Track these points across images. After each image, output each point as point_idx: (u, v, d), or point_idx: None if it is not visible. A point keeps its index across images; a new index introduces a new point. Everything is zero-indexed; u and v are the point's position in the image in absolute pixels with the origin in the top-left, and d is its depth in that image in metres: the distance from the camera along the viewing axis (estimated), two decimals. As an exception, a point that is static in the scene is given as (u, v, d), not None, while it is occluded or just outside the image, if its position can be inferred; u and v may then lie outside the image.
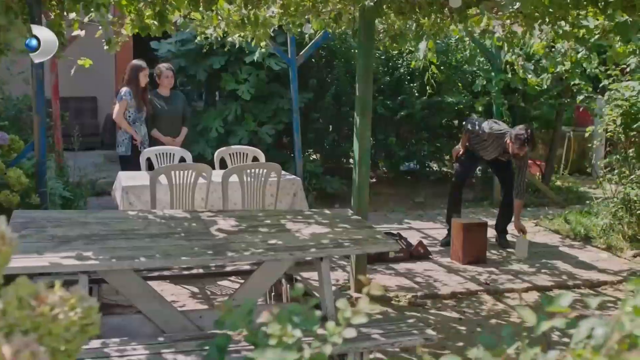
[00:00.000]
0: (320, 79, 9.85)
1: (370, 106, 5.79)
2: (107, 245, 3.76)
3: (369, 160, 5.83)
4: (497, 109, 9.26)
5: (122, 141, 7.27)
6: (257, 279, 4.23)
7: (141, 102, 7.28)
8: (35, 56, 3.86)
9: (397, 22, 6.82)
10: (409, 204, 9.72)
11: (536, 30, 6.82)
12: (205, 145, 9.11)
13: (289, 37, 8.40)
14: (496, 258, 7.04)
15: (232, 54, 9.15)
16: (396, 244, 4.16)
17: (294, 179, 6.64)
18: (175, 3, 5.47)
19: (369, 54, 5.71)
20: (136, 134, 7.22)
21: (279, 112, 9.45)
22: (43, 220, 4.11)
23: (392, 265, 6.69)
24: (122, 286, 4.00)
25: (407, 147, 10.47)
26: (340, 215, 4.71)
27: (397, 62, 10.03)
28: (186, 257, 3.68)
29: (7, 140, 5.13)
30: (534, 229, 8.31)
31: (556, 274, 6.51)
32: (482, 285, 6.13)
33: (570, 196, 10.04)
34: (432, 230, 8.20)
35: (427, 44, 7.93)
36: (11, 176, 4.72)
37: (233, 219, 4.44)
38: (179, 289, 5.89)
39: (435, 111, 10.02)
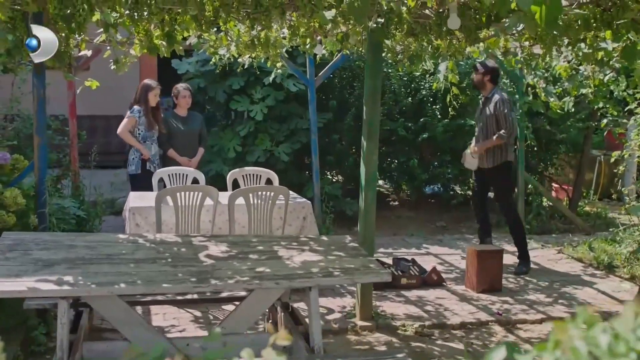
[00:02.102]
0: (341, 99, 9.74)
1: (378, 129, 5.65)
2: (89, 270, 3.68)
3: (375, 185, 5.69)
4: (521, 133, 9.02)
5: (132, 160, 7.29)
6: (247, 306, 4.12)
7: (152, 120, 7.27)
8: (35, 56, 3.82)
9: (413, 43, 6.71)
10: (430, 228, 9.52)
11: (555, 52, 6.64)
12: (222, 165, 9.06)
13: (307, 58, 8.34)
14: (512, 287, 6.80)
15: (252, 75, 9.11)
16: (389, 274, 3.99)
17: (304, 202, 6.52)
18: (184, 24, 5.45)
19: (377, 75, 5.58)
20: (144, 148, 7.22)
21: (297, 132, 9.37)
22: (31, 243, 4.05)
23: (404, 292, 6.51)
24: (106, 312, 3.92)
25: (430, 170, 10.27)
26: (337, 242, 4.57)
27: (420, 84, 9.87)
28: (168, 284, 3.58)
29: (9, 160, 5.11)
30: (556, 256, 8.05)
31: (573, 305, 6.26)
32: (493, 316, 5.91)
33: (598, 222, 9.73)
34: (450, 256, 8.00)
35: (448, 65, 7.79)
36: (7, 196, 4.68)
37: (225, 244, 4.33)
38: (181, 313, 5.80)
39: (458, 134, 9.82)
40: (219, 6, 4.84)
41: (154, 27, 5.61)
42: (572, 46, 6.23)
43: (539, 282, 6.98)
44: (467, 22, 5.14)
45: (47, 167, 8.06)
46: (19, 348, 4.54)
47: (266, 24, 5.09)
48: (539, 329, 5.68)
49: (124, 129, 7.23)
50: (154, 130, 7.31)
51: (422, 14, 5.48)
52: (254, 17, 4.97)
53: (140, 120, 7.23)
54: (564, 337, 0.97)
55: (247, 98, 9.29)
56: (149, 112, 7.29)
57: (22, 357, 4.50)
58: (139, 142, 7.24)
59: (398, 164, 10.29)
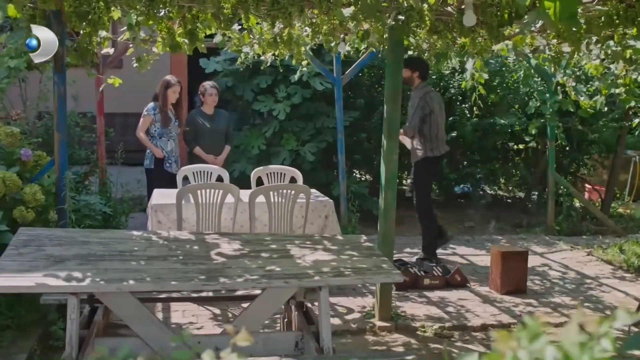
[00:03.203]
0: (369, 98, 9.67)
1: (398, 128, 5.60)
2: (100, 267, 3.69)
3: (395, 185, 5.62)
4: (551, 132, 8.88)
5: (147, 154, 7.37)
6: (259, 305, 4.10)
7: (167, 117, 7.31)
8: (35, 56, 3.84)
9: (438, 40, 6.63)
10: (458, 228, 9.40)
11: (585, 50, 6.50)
12: (246, 164, 9.07)
13: (334, 56, 8.30)
14: (538, 289, 6.68)
15: (279, 73, 9.10)
16: (400, 275, 3.93)
17: (326, 200, 6.49)
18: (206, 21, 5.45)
19: (397, 73, 5.52)
20: (156, 148, 7.27)
21: (323, 130, 9.33)
22: (45, 239, 4.08)
23: (426, 293, 6.43)
24: (117, 308, 3.93)
25: (459, 170, 10.15)
26: (351, 242, 4.52)
27: (449, 82, 9.76)
28: (176, 282, 3.58)
29: (30, 157, 5.16)
30: (585, 258, 7.89)
31: (599, 309, 6.12)
32: (516, 318, 5.80)
33: (630, 225, 9.51)
34: (476, 257, 7.89)
35: (475, 64, 7.68)
36: (27, 192, 4.73)
37: (238, 242, 4.31)
38: (201, 310, 5.80)
39: (487, 133, 9.69)
40: (237, 3, 4.83)
41: (176, 25, 5.63)
42: (601, 44, 6.11)
43: (566, 285, 6.85)
44: (488, 19, 5.05)
45: (76, 164, 8.21)
46: (36, 342, 4.58)
47: (285, 22, 5.07)
48: (562, 333, 5.56)
49: (141, 130, 7.32)
50: (170, 127, 7.35)
51: (444, 11, 5.40)
52: (273, 14, 4.94)
53: (155, 117, 7.29)
54: (505, 348, 0.92)
55: (271, 97, 9.29)
56: (167, 108, 7.33)
57: (39, 351, 4.53)
58: (153, 141, 7.30)
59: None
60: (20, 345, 4.53)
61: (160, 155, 7.27)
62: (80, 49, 5.56)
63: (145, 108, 7.37)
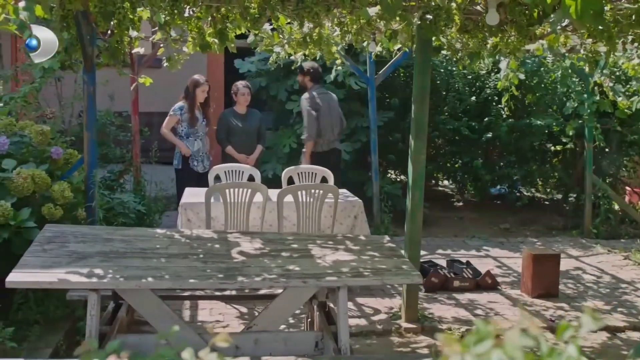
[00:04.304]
0: (403, 98, 9.61)
1: (426, 128, 5.54)
2: (120, 264, 3.73)
3: (423, 185, 5.56)
4: (589, 133, 8.72)
5: (175, 154, 7.44)
6: (279, 304, 4.11)
7: (194, 117, 7.36)
8: (35, 56, 3.89)
9: (470, 40, 6.55)
10: (493, 230, 9.29)
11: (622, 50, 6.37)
12: (276, 164, 9.09)
13: (368, 56, 8.28)
14: (570, 292, 6.56)
15: (314, 74, 9.12)
16: (419, 276, 3.89)
17: (356, 200, 6.47)
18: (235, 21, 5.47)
19: (425, 72, 5.47)
20: (184, 145, 7.32)
21: (357, 130, 9.31)
22: (69, 236, 4.14)
23: (455, 295, 6.36)
24: (138, 305, 3.97)
25: (495, 171, 10.03)
26: (373, 242, 4.50)
27: (485, 82, 9.65)
28: (194, 280, 3.60)
29: (61, 155, 5.25)
30: (622, 262, 7.72)
31: (633, 314, 5.98)
32: (545, 322, 5.70)
33: (671, 228, 9.29)
34: (510, 259, 7.77)
35: (508, 64, 7.58)
36: (55, 190, 4.81)
37: (260, 241, 4.32)
38: (228, 309, 5.84)
39: (524, 134, 9.55)
40: (263, 3, 4.84)
41: (206, 25, 5.67)
42: (637, 42, 5.97)
43: (600, 289, 6.71)
44: (517, 18, 4.98)
45: (111, 163, 8.33)
46: (63, 337, 4.66)
47: (313, 21, 5.06)
48: (593, 338, 5.45)
49: (165, 128, 7.39)
50: (196, 126, 7.40)
51: (473, 10, 5.34)
52: (299, 13, 4.94)
53: (182, 117, 7.35)
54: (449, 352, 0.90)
55: (304, 97, 9.29)
56: (195, 108, 7.38)
57: (65, 346, 4.61)
58: (180, 140, 7.36)
59: (462, 164, 10.09)
60: (47, 339, 4.61)
61: (186, 151, 7.33)
62: (111, 49, 5.63)
63: (172, 107, 7.43)
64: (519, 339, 0.89)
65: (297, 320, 5.52)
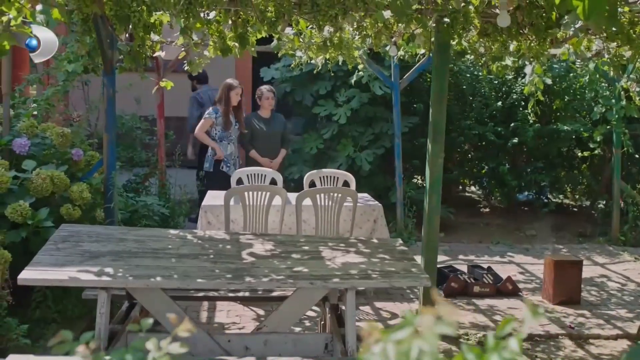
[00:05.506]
0: (428, 103, 9.55)
1: (443, 132, 5.52)
2: (131, 263, 3.78)
3: (440, 188, 5.54)
4: (617, 139, 8.59)
5: (207, 157, 7.50)
6: (289, 306, 4.12)
7: (228, 121, 7.42)
8: (35, 56, 3.95)
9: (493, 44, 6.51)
10: (519, 236, 9.19)
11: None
12: (303, 166, 9.12)
13: (392, 61, 8.26)
14: (593, 300, 6.46)
15: (339, 79, 9.13)
16: (428, 279, 3.87)
17: (375, 204, 6.46)
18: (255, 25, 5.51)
19: (443, 76, 5.46)
20: (219, 148, 7.39)
21: (381, 136, 9.29)
22: (84, 235, 4.21)
23: (475, 301, 6.31)
24: (149, 304, 4.01)
25: (522, 177, 9.93)
26: (385, 245, 4.49)
27: (512, 87, 9.57)
28: (202, 280, 3.63)
29: (82, 157, 5.33)
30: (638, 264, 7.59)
31: (656, 323, 5.87)
32: (565, 329, 5.63)
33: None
34: (533, 265, 7.68)
35: (534, 68, 7.51)
36: (74, 190, 4.89)
37: (271, 243, 4.34)
38: (245, 311, 5.86)
39: (551, 139, 9.44)
40: (279, 6, 4.87)
41: (227, 29, 5.72)
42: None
43: (623, 297, 6.60)
44: (535, 21, 4.94)
45: (137, 166, 8.43)
46: (78, 336, 4.71)
47: (331, 24, 5.08)
48: (612, 345, 5.36)
49: (200, 130, 7.47)
50: (230, 130, 7.46)
51: (492, 14, 5.31)
52: (314, 17, 4.95)
53: (217, 120, 7.42)
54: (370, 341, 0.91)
55: (332, 102, 9.31)
56: (229, 111, 7.45)
57: (80, 345, 4.67)
58: (215, 142, 7.43)
59: (488, 170, 10.01)
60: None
61: (220, 154, 7.42)
62: (133, 53, 5.71)
63: (207, 111, 7.54)
64: (434, 325, 0.90)
65: (312, 322, 5.52)
